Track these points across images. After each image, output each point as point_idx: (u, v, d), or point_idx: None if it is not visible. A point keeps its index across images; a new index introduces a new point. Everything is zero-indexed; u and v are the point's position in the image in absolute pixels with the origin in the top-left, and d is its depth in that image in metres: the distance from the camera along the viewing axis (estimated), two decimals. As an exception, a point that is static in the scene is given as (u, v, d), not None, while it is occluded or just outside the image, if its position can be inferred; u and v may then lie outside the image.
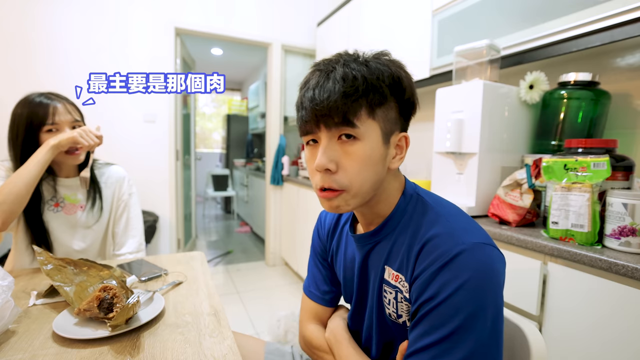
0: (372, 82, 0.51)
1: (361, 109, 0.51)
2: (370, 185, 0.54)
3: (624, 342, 0.76)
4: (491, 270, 0.48)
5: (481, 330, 0.46)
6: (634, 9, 0.95)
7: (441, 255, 0.49)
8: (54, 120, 1.00)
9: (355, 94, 0.50)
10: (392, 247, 0.58)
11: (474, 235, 0.50)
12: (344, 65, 0.52)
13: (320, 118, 0.51)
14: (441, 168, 1.38)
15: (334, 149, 0.52)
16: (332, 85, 0.50)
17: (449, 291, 0.46)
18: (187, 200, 3.29)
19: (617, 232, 0.83)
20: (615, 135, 1.17)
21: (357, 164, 0.52)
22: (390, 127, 0.54)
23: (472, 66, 1.31)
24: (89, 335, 0.62)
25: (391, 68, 0.53)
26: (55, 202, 1.09)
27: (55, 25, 2.30)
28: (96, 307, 0.66)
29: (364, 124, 0.51)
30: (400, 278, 0.56)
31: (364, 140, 0.51)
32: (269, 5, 2.92)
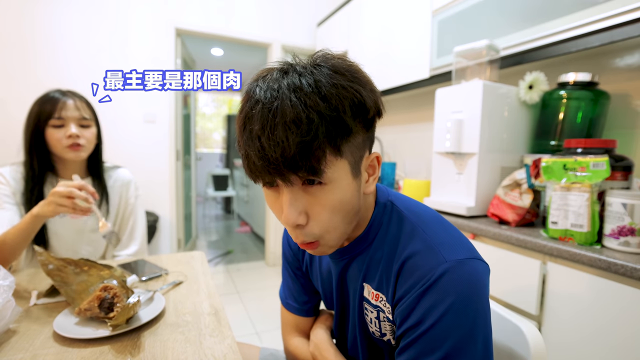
0: (333, 119, 0.41)
1: (325, 154, 0.42)
2: (347, 224, 0.49)
3: (623, 342, 0.76)
4: (477, 287, 0.45)
5: (473, 355, 0.43)
6: (633, 9, 0.95)
7: (423, 276, 0.45)
8: (60, 115, 1.01)
9: (315, 141, 0.40)
10: (370, 262, 0.54)
11: (455, 251, 0.46)
12: (291, 94, 0.40)
13: (275, 174, 0.42)
14: (441, 168, 1.38)
15: (299, 199, 0.45)
16: (284, 135, 0.39)
17: (436, 317, 0.43)
18: (187, 200, 3.29)
19: (616, 231, 0.83)
20: (615, 136, 1.17)
21: (328, 211, 0.45)
22: (358, 155, 0.47)
23: (472, 66, 1.31)
24: (90, 335, 0.62)
25: (351, 86, 0.43)
26: None
27: (55, 26, 2.30)
28: (97, 306, 0.66)
29: (330, 167, 0.43)
30: (381, 297, 0.52)
31: (333, 183, 0.44)
32: (269, 5, 2.92)
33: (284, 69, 0.44)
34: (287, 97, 0.40)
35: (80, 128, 1.04)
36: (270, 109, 0.40)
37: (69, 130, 1.01)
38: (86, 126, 1.06)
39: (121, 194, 1.20)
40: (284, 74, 0.43)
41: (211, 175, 5.33)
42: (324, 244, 0.48)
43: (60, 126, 1.02)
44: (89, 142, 1.07)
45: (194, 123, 3.62)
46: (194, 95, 3.72)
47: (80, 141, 1.04)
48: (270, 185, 0.46)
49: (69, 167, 1.09)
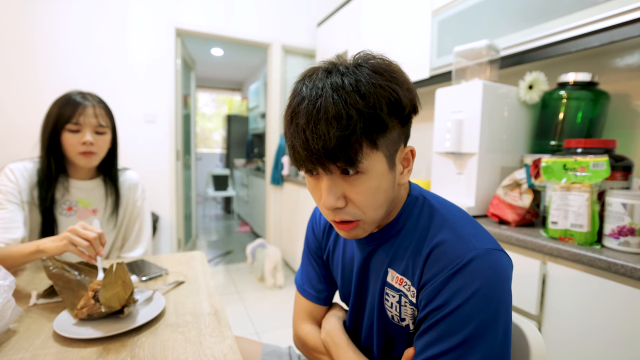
0: (371, 116, 0.45)
1: (362, 147, 0.46)
2: (384, 209, 0.53)
3: (623, 342, 0.76)
4: (503, 277, 0.47)
5: (493, 340, 0.45)
6: (633, 9, 0.95)
7: (452, 261, 0.48)
8: (77, 120, 1.01)
9: (353, 135, 0.44)
10: (397, 250, 0.56)
11: (483, 241, 0.49)
12: (334, 93, 0.45)
13: (317, 163, 0.47)
14: (441, 168, 1.38)
15: (338, 186, 0.49)
16: (326, 129, 0.44)
17: (461, 299, 0.45)
18: (187, 200, 3.29)
19: (616, 231, 0.83)
20: (614, 136, 1.17)
21: (365, 197, 0.49)
22: (393, 149, 0.51)
23: (472, 66, 1.31)
24: (89, 335, 0.62)
25: (388, 86, 0.47)
26: (69, 206, 1.09)
27: (55, 26, 2.30)
28: (92, 298, 0.66)
29: (367, 158, 0.47)
30: (405, 282, 0.54)
31: (369, 173, 0.48)
32: (269, 5, 2.93)
33: (328, 68, 0.48)
34: (330, 95, 0.45)
35: (95, 135, 1.05)
36: (314, 105, 0.45)
37: (84, 137, 1.02)
38: (101, 133, 1.06)
39: (128, 196, 1.20)
40: (328, 73, 0.47)
41: (211, 175, 5.32)
42: (362, 225, 0.52)
43: (76, 131, 1.02)
44: (102, 149, 1.08)
45: (194, 123, 3.62)
46: (194, 95, 3.72)
47: (93, 149, 1.04)
48: (311, 173, 0.50)
49: (79, 170, 1.10)
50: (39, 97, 2.23)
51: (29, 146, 1.22)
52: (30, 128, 1.99)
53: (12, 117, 2.19)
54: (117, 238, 1.19)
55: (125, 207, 1.20)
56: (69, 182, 1.09)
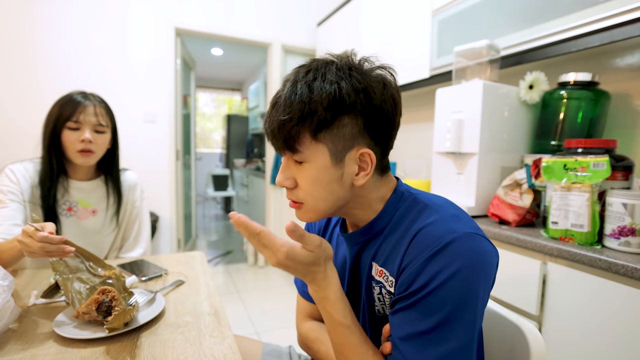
0: (310, 108, 0.48)
1: (303, 135, 0.50)
2: (327, 203, 0.54)
3: (623, 342, 0.76)
4: (483, 261, 0.48)
5: (469, 322, 0.46)
6: (633, 9, 0.95)
7: (432, 243, 0.48)
8: (77, 119, 1.02)
9: (291, 122, 0.49)
10: (381, 244, 0.57)
11: (465, 225, 0.50)
12: (292, 86, 0.50)
13: (271, 144, 0.54)
14: (441, 168, 1.38)
15: (291, 168, 0.54)
16: (275, 113, 0.51)
17: (440, 280, 0.46)
18: (187, 200, 3.29)
19: (616, 232, 0.83)
20: (615, 135, 1.17)
21: (308, 184, 0.53)
22: (343, 146, 0.51)
23: (472, 66, 1.31)
24: (89, 335, 0.62)
25: (338, 82, 0.49)
26: (69, 207, 1.09)
27: (55, 26, 2.30)
28: (94, 310, 0.66)
29: (307, 148, 0.51)
30: (384, 273, 0.55)
31: (310, 162, 0.52)
32: (269, 5, 2.92)
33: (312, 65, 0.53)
34: (289, 87, 0.51)
35: (94, 133, 1.05)
36: (277, 95, 0.52)
37: (83, 135, 1.02)
38: (101, 132, 1.07)
39: (128, 197, 1.20)
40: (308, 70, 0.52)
41: (211, 175, 5.32)
42: (305, 208, 0.56)
43: (76, 129, 1.03)
44: (100, 148, 1.08)
45: (194, 123, 3.62)
46: (194, 95, 3.72)
47: (91, 147, 1.04)
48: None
49: (78, 169, 1.10)
50: (39, 97, 2.23)
51: (29, 146, 1.23)
52: (31, 128, 1.98)
53: (12, 118, 2.19)
54: (116, 238, 1.19)
55: (124, 207, 1.20)
56: (69, 183, 1.09)
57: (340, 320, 0.53)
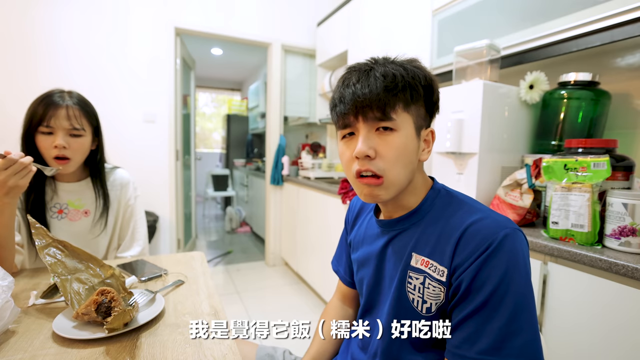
0: (409, 81, 0.56)
1: (398, 103, 0.56)
2: (405, 174, 0.58)
3: (623, 342, 0.76)
4: (528, 252, 0.54)
5: (534, 311, 0.51)
6: (634, 9, 0.95)
7: (486, 240, 0.51)
8: (48, 123, 0.97)
9: (395, 89, 0.55)
10: (420, 235, 0.60)
11: (509, 222, 0.54)
12: (383, 65, 0.57)
13: (360, 110, 0.56)
14: (441, 168, 1.37)
15: (372, 138, 0.56)
16: (374, 81, 0.55)
17: (502, 276, 0.49)
18: (187, 200, 3.29)
19: (617, 232, 0.83)
20: (615, 135, 1.17)
21: (394, 152, 0.56)
22: (420, 122, 0.59)
23: (472, 66, 1.31)
24: (89, 336, 0.62)
25: (424, 72, 0.59)
26: (59, 209, 1.07)
27: (55, 26, 2.30)
28: (94, 311, 0.65)
29: (399, 116, 0.56)
30: (431, 263, 0.57)
31: (400, 131, 0.56)
32: (269, 5, 2.92)
33: (376, 58, 0.61)
34: (380, 65, 0.58)
35: (69, 138, 1.00)
36: (366, 70, 0.57)
37: (56, 140, 0.97)
38: (77, 135, 1.01)
39: (120, 196, 1.18)
40: (376, 59, 0.60)
41: (211, 175, 5.32)
42: (386, 183, 0.57)
43: (49, 133, 0.98)
44: (77, 153, 1.03)
45: (193, 123, 3.62)
46: (194, 95, 3.72)
47: (66, 153, 0.99)
48: (349, 126, 0.58)
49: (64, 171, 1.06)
50: (38, 96, 2.23)
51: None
52: (30, 128, 1.98)
53: (13, 117, 2.18)
54: (112, 239, 1.18)
55: (117, 207, 1.17)
56: (57, 185, 1.06)
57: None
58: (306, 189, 2.54)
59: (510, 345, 0.48)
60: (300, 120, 3.27)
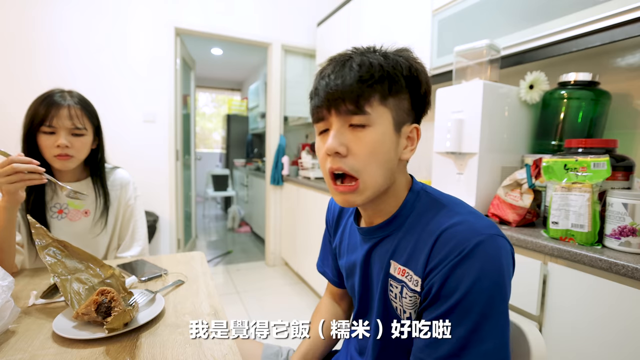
0: (389, 71, 0.51)
1: (374, 95, 0.51)
2: (382, 174, 0.54)
3: (624, 342, 0.76)
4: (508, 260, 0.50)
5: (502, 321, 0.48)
6: (634, 9, 0.95)
7: (459, 245, 0.48)
8: (51, 123, 0.97)
9: (370, 80, 0.50)
10: (399, 242, 0.57)
11: (486, 225, 0.51)
12: (362, 54, 0.53)
13: (332, 103, 0.51)
14: (441, 168, 1.37)
15: (344, 134, 0.52)
16: (348, 71, 0.51)
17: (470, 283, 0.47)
18: (187, 200, 3.29)
19: (617, 232, 0.83)
20: (616, 135, 1.17)
21: (367, 149, 0.51)
22: (402, 117, 0.54)
23: (472, 66, 1.31)
24: (89, 336, 0.62)
25: (410, 61, 0.54)
26: (59, 209, 1.07)
27: (55, 26, 2.30)
28: (94, 311, 0.65)
29: (375, 110, 0.51)
30: (407, 272, 0.55)
31: (375, 126, 0.52)
32: (269, 5, 2.92)
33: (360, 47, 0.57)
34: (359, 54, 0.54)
35: (71, 137, 1.01)
36: (342, 61, 0.53)
37: (59, 140, 0.98)
38: (78, 135, 1.02)
39: (120, 196, 1.18)
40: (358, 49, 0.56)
41: (211, 175, 5.32)
42: (361, 186, 0.53)
43: (51, 133, 0.98)
44: (79, 151, 1.04)
45: (193, 123, 3.62)
46: (194, 95, 3.72)
47: (69, 152, 1.00)
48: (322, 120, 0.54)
49: (63, 172, 1.07)
50: (38, 96, 2.23)
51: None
52: (30, 128, 1.98)
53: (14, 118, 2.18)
54: (112, 239, 1.18)
55: (117, 207, 1.17)
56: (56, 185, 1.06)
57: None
58: (306, 189, 2.54)
59: (469, 353, 0.47)
60: (300, 120, 3.27)
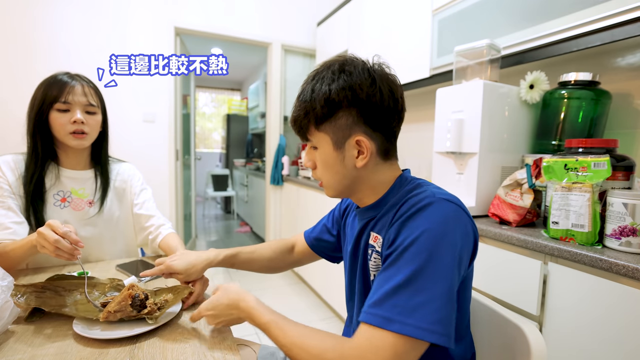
0: (311, 106, 0.61)
1: (310, 126, 0.63)
2: (337, 180, 0.65)
3: (624, 342, 0.76)
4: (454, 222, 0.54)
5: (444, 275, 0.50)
6: (634, 8, 0.95)
7: (413, 205, 0.55)
8: (66, 99, 0.98)
9: (299, 117, 0.64)
10: (380, 218, 0.65)
11: (447, 196, 0.57)
12: (303, 87, 0.64)
13: (295, 133, 0.68)
14: (441, 168, 1.37)
15: (310, 153, 0.68)
16: (293, 110, 0.66)
17: (416, 234, 0.52)
18: (187, 200, 3.29)
19: (617, 232, 0.83)
20: (616, 135, 1.16)
21: (320, 164, 0.66)
22: (342, 134, 0.62)
23: (472, 66, 1.31)
24: (90, 335, 0.62)
25: (329, 84, 0.60)
26: (62, 197, 1.04)
27: (56, 25, 2.30)
28: (129, 305, 0.66)
29: (314, 136, 0.64)
30: (378, 238, 0.63)
31: (319, 148, 0.65)
32: (269, 4, 2.92)
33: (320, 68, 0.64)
34: (302, 88, 0.64)
35: (85, 114, 1.01)
36: (302, 86, 0.65)
37: (74, 116, 0.98)
38: (92, 113, 1.03)
39: (126, 188, 1.17)
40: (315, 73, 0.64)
41: (211, 175, 5.32)
42: (324, 185, 0.68)
43: (65, 110, 0.98)
44: (93, 129, 1.04)
45: (193, 123, 3.62)
46: (194, 95, 3.72)
47: (84, 128, 1.00)
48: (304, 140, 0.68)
49: (71, 155, 1.06)
50: (38, 96, 2.23)
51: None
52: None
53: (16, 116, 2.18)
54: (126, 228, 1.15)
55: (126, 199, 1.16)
56: (60, 171, 1.04)
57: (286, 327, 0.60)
58: (306, 189, 2.54)
59: (396, 300, 0.49)
60: (300, 120, 3.27)
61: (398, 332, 0.47)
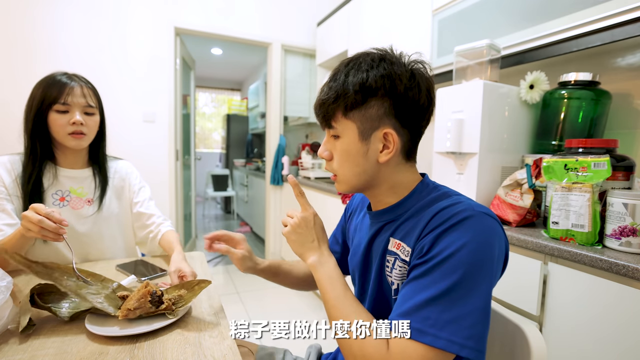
0: (343, 90, 0.58)
1: (337, 112, 0.60)
2: (354, 174, 0.62)
3: (624, 342, 0.76)
4: (493, 238, 0.52)
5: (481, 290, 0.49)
6: (634, 8, 0.95)
7: (451, 217, 0.52)
8: (65, 101, 0.98)
9: (328, 101, 0.60)
10: (402, 224, 0.62)
11: (483, 209, 0.54)
12: (334, 73, 0.61)
13: (318, 118, 0.64)
14: (441, 168, 1.37)
15: (329, 142, 0.64)
16: (319, 95, 0.62)
17: (454, 248, 0.49)
18: (187, 200, 3.28)
19: (617, 232, 0.83)
20: (616, 135, 1.16)
21: (339, 156, 0.62)
22: (369, 125, 0.59)
23: (472, 66, 1.31)
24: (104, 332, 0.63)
25: (367, 71, 0.58)
26: (61, 196, 1.04)
27: (56, 26, 2.30)
28: (148, 302, 0.67)
29: (340, 124, 0.60)
30: (402, 246, 0.59)
31: (342, 137, 0.61)
32: (269, 4, 2.92)
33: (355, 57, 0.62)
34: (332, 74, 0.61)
35: (84, 115, 1.01)
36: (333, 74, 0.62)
37: (74, 117, 0.98)
38: (90, 114, 1.03)
39: (124, 186, 1.17)
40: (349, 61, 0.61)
41: (211, 175, 5.32)
42: (339, 179, 0.64)
43: (64, 112, 0.99)
44: (92, 130, 1.05)
45: (193, 123, 3.62)
46: (194, 95, 3.72)
47: (83, 129, 1.01)
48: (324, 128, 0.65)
49: (69, 155, 1.06)
50: (38, 96, 2.24)
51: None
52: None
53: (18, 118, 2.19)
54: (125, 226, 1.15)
55: (126, 197, 1.16)
56: (58, 170, 1.05)
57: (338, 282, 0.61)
58: (306, 189, 2.54)
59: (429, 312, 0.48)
60: (300, 120, 3.27)
61: (430, 344, 0.47)
